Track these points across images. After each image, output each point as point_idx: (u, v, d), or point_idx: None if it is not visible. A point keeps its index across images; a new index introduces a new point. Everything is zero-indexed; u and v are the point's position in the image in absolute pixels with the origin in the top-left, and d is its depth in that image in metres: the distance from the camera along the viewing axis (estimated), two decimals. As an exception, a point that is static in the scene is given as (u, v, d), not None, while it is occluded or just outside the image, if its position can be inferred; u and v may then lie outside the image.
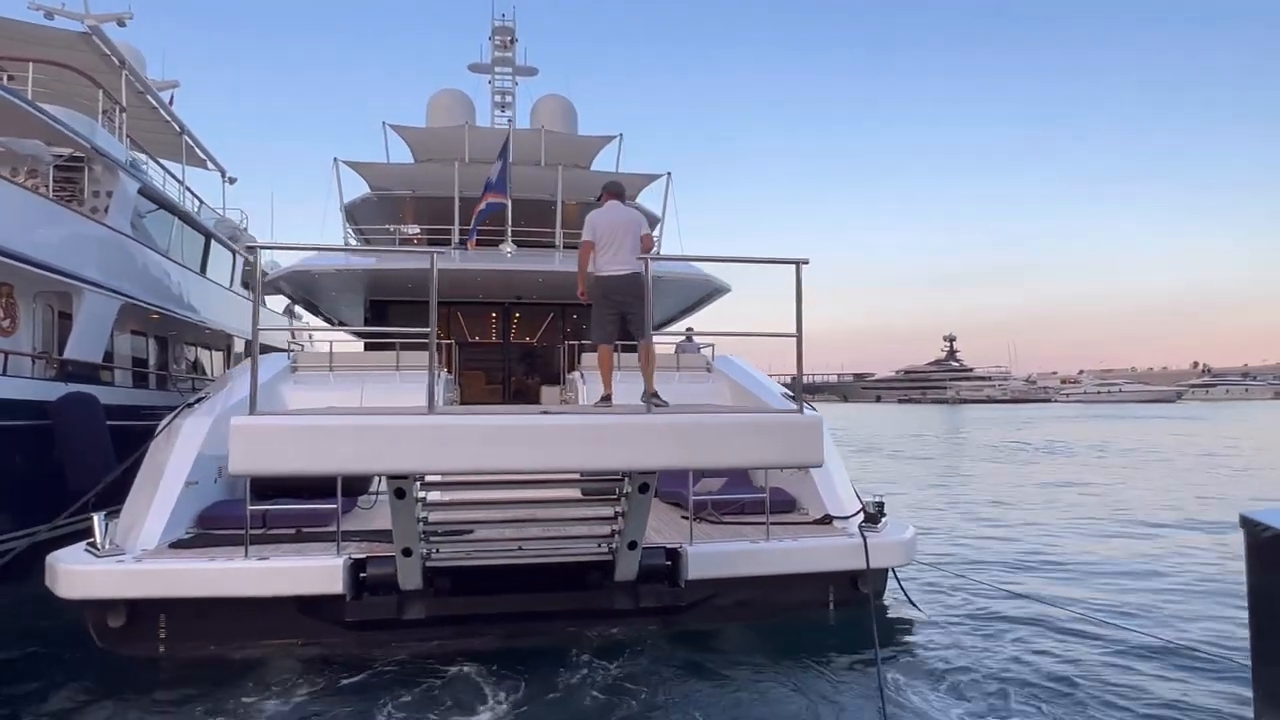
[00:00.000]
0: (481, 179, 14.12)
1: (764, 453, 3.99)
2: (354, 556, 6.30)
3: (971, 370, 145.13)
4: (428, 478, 5.68)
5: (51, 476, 9.87)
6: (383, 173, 15.19)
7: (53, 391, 10.13)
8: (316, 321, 18.45)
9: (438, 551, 6.30)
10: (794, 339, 4.07)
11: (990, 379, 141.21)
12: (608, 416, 3.93)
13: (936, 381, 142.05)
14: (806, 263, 4.07)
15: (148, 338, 15.28)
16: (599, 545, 6.66)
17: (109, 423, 10.57)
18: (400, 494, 5.54)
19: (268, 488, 8.28)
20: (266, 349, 22.41)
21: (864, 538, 7.14)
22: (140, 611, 6.28)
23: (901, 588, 7.99)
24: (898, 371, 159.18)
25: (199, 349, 18.18)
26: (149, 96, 15.34)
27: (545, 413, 3.96)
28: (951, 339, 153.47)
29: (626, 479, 5.77)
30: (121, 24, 16.75)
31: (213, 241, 17.50)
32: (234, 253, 19.25)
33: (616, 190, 7.11)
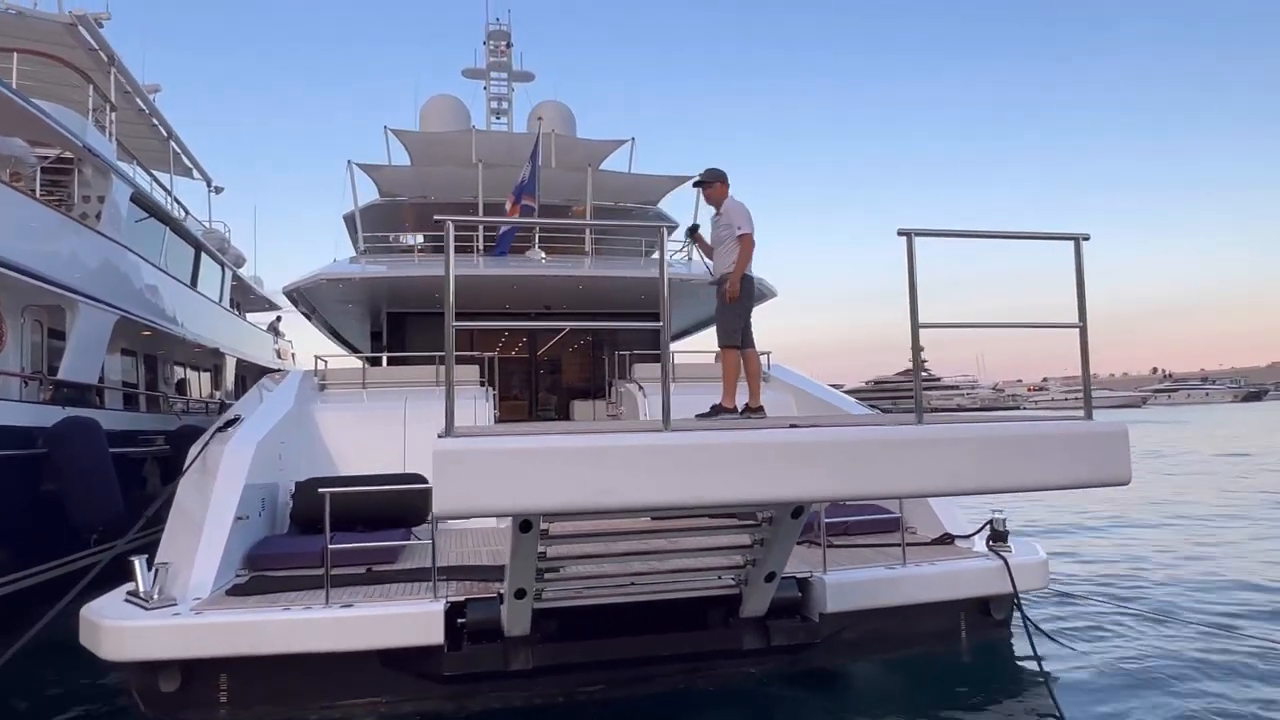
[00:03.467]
0: (493, 184, 13.26)
1: (1069, 470, 3.24)
2: (451, 600, 5.40)
3: (940, 379, 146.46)
4: None
5: (49, 513, 8.77)
6: (396, 177, 14.26)
7: (49, 417, 9.01)
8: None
9: (545, 591, 5.43)
10: (1078, 329, 3.35)
11: (959, 388, 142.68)
12: (892, 430, 3.15)
13: (907, 391, 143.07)
14: (1087, 238, 3.38)
15: (137, 356, 14.11)
16: (719, 577, 5.84)
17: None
18: (526, 527, 4.69)
19: (315, 521, 7.35)
20: (260, 369, 21.24)
21: (1005, 560, 6.44)
22: (198, 672, 5.31)
23: (1022, 613, 7.28)
24: (867, 382, 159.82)
25: (187, 368, 16.97)
26: (137, 98, 14.24)
27: (793, 425, 3.17)
28: (920, 349, 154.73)
29: None
30: (99, 24, 15.62)
31: (203, 254, 16.37)
32: (223, 265, 18.09)
33: (726, 178, 6.59)
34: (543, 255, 12.45)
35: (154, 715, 5.37)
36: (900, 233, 3.18)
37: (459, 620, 5.40)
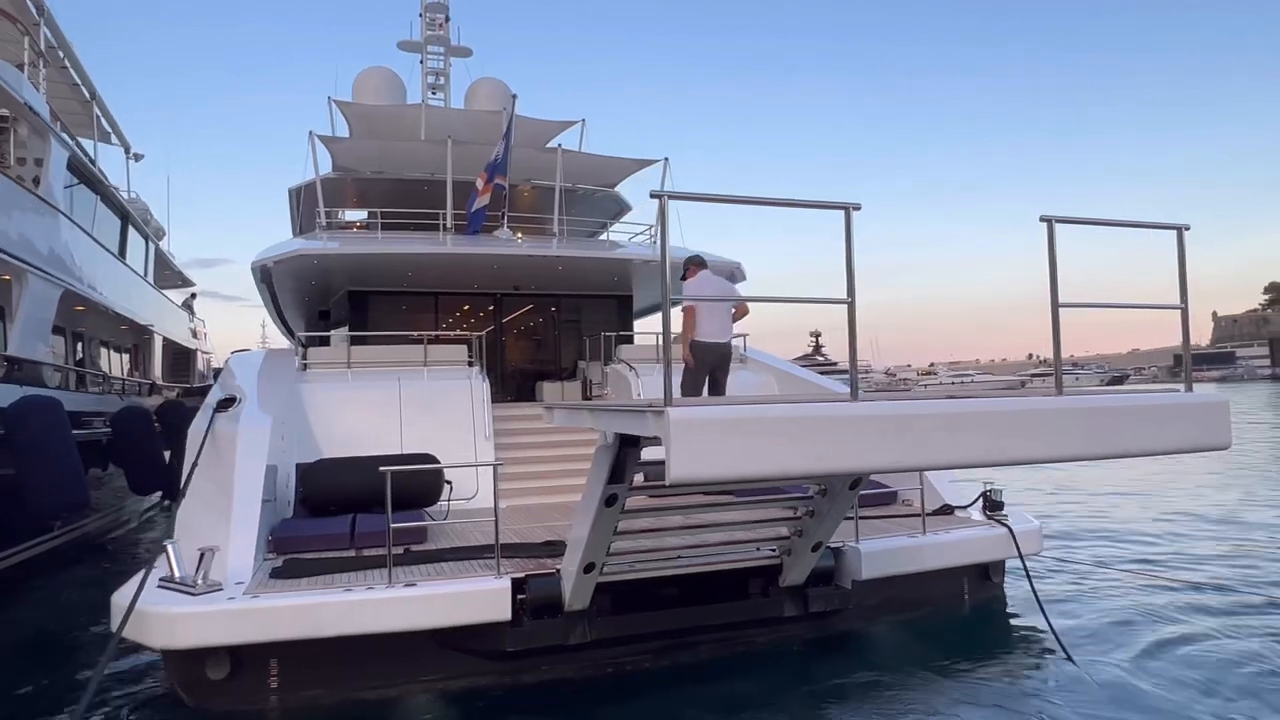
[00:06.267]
0: (446, 160, 12.94)
1: (1186, 436, 3.62)
2: (513, 577, 5.42)
3: (836, 364, 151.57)
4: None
5: (3, 497, 8.18)
6: (352, 150, 13.71)
7: (5, 396, 8.37)
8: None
9: (606, 565, 5.53)
10: (1178, 310, 3.72)
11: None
12: (1047, 400, 3.42)
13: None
14: (1188, 228, 3.74)
15: (66, 333, 13.14)
16: (758, 549, 6.08)
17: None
18: (611, 501, 4.78)
19: (329, 503, 7.17)
20: (181, 349, 20.04)
21: (1009, 527, 6.95)
22: (247, 658, 5.15)
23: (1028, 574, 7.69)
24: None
25: (111, 347, 15.89)
26: (62, 53, 13.16)
27: (950, 397, 3.40)
28: (817, 335, 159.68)
29: None
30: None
31: (129, 226, 15.34)
32: (146, 238, 17.00)
33: (702, 262, 8.04)
34: (519, 235, 12.33)
35: (197, 704, 5.18)
36: (1042, 219, 3.46)
37: (519, 596, 5.43)
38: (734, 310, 8.05)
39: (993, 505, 7.41)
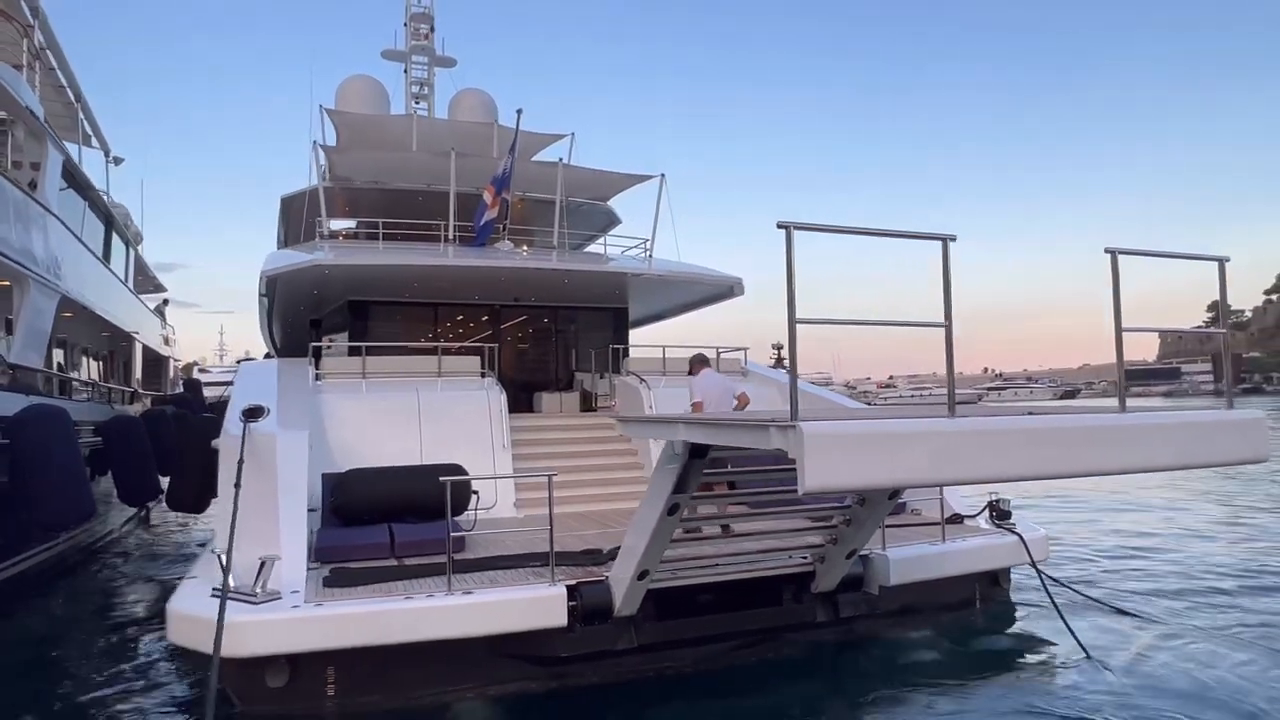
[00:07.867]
0: (441, 171, 13.01)
1: (1229, 450, 3.93)
2: (566, 584, 5.56)
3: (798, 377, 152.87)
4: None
5: (8, 507, 8.01)
6: (348, 160, 13.68)
7: (11, 404, 8.21)
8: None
9: (655, 573, 5.69)
10: (1220, 334, 4.04)
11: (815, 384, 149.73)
12: (1120, 417, 3.69)
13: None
14: (1228, 260, 4.06)
15: (52, 337, 12.86)
16: (789, 556, 6.30)
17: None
18: (673, 510, 4.96)
19: (362, 513, 7.21)
20: (156, 356, 19.64)
21: (1020, 535, 7.27)
22: (305, 665, 5.19)
23: (1041, 578, 7.98)
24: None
25: (97, 352, 15.57)
26: (51, 54, 12.94)
27: (1029, 413, 3.65)
28: (779, 347, 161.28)
29: None
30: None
31: (113, 231, 15.07)
32: (127, 243, 16.69)
33: (706, 360, 8.49)
34: (524, 248, 12.45)
35: (251, 709, 5.20)
36: (1107, 250, 3.75)
37: (571, 603, 5.55)
38: (736, 402, 8.09)
39: (1000, 514, 7.73)
